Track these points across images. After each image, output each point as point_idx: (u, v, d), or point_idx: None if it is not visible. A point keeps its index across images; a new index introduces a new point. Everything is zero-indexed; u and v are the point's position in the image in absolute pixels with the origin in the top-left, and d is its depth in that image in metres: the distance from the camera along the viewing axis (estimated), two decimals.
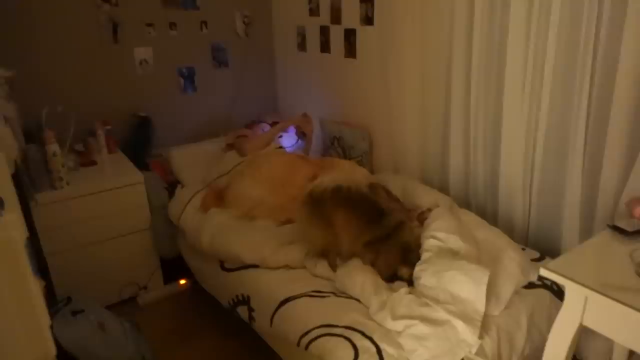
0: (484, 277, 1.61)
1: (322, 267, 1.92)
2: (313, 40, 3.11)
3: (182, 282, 2.77)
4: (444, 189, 2.48)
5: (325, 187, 1.95)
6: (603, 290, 1.20)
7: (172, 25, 2.98)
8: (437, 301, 1.61)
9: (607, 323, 1.25)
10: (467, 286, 1.60)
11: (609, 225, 1.53)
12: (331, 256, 1.93)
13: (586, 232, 1.93)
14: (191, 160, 2.87)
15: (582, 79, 1.79)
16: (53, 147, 2.21)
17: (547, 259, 1.94)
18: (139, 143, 2.90)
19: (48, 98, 2.57)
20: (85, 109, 2.72)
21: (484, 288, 1.59)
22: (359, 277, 1.79)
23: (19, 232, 0.90)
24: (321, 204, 1.93)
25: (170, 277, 2.74)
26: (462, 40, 2.19)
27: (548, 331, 1.39)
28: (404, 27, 2.41)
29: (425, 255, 1.81)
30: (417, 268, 1.77)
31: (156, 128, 2.99)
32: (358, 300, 1.75)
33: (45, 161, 2.25)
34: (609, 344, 1.74)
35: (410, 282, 1.80)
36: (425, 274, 1.71)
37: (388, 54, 2.55)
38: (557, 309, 1.36)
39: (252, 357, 2.21)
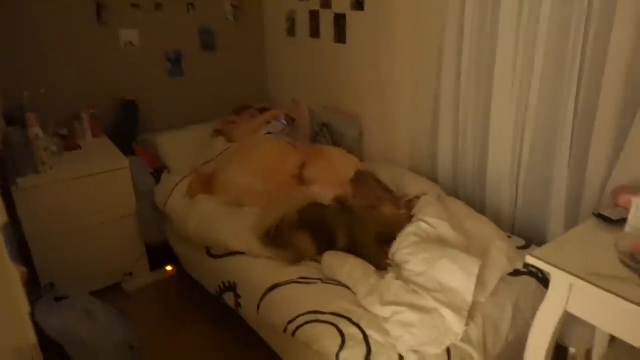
0: (474, 267, 1.62)
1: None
2: (303, 25, 3.07)
3: (169, 268, 2.75)
4: (433, 177, 2.48)
5: (270, 224, 1.97)
6: (588, 277, 1.22)
7: (158, 7, 2.91)
8: (425, 289, 1.61)
9: (591, 310, 1.27)
10: (457, 275, 1.61)
11: (594, 214, 1.55)
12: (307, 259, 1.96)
13: (572, 221, 1.95)
14: (178, 146, 2.83)
15: (571, 73, 1.80)
16: (35, 130, 2.16)
17: (533, 247, 1.96)
18: (125, 128, 2.85)
19: (30, 80, 2.51)
20: (69, 92, 2.66)
21: (473, 279, 1.60)
22: (347, 264, 1.79)
23: None
24: (277, 240, 1.95)
25: (156, 263, 2.72)
26: (454, 29, 2.18)
27: (533, 318, 1.41)
28: (395, 13, 2.39)
29: (412, 239, 1.81)
30: (405, 251, 1.77)
31: (142, 112, 2.93)
32: (346, 286, 1.75)
33: (28, 145, 2.20)
34: (591, 330, 1.77)
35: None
36: (414, 260, 1.71)
37: (379, 41, 2.53)
38: (542, 296, 1.37)
39: (239, 343, 2.21)
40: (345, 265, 1.78)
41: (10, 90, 2.34)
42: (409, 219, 2.01)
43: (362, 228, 1.95)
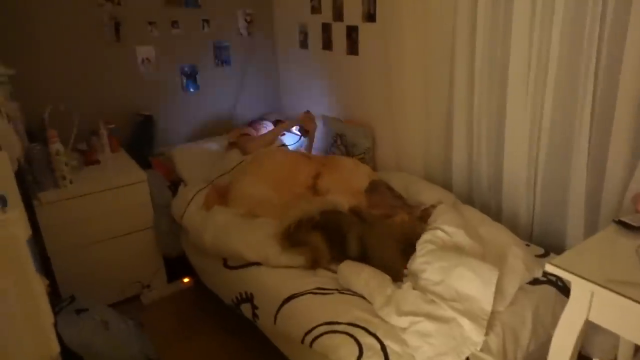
0: (492, 277, 1.60)
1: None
2: (315, 37, 3.10)
3: (186, 280, 2.77)
4: (447, 185, 2.47)
5: (290, 222, 2.01)
6: (609, 285, 1.19)
7: (174, 24, 2.98)
8: (443, 298, 1.60)
9: (613, 318, 1.24)
10: (475, 284, 1.59)
11: (614, 221, 1.52)
12: (322, 263, 1.96)
13: (591, 228, 1.92)
14: (194, 159, 2.87)
15: (587, 75, 1.77)
16: (56, 146, 2.22)
17: (552, 255, 1.93)
18: (142, 142, 2.90)
19: (51, 97, 2.57)
20: (88, 108, 2.73)
21: (492, 288, 1.58)
22: (364, 273, 1.78)
23: (21, 230, 0.90)
24: (294, 237, 2.00)
25: (173, 275, 2.74)
26: (465, 37, 2.18)
27: (553, 327, 1.38)
28: (406, 23, 2.40)
29: (428, 247, 1.80)
30: (420, 260, 1.76)
31: (159, 127, 2.99)
32: (362, 296, 1.75)
33: (49, 160, 2.25)
34: (615, 339, 1.73)
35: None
36: (431, 268, 1.70)
37: (390, 51, 2.54)
38: (562, 305, 1.35)
39: (255, 355, 2.21)
40: (361, 275, 1.78)
41: (31, 107, 2.40)
42: (423, 227, 2.00)
43: (377, 238, 1.94)
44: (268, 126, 3.03)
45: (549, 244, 2.10)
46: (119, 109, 2.88)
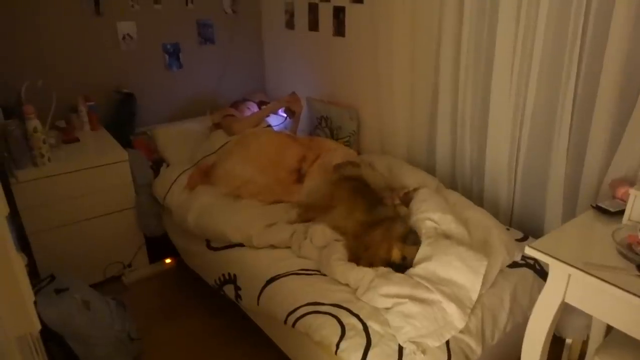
0: (481, 267, 1.63)
1: (307, 248, 1.92)
2: (301, 17, 3.06)
3: (168, 261, 2.76)
4: (430, 170, 2.49)
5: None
6: (585, 268, 1.23)
7: (156, 0, 2.90)
8: (431, 281, 1.62)
9: (588, 300, 1.28)
10: (463, 273, 1.62)
11: (592, 206, 1.56)
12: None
13: (569, 214, 1.97)
14: (176, 139, 2.83)
15: (570, 62, 1.80)
16: (33, 123, 2.15)
17: (531, 239, 1.98)
18: (123, 120, 2.84)
19: (28, 72, 2.49)
20: (66, 84, 2.65)
21: (480, 278, 1.60)
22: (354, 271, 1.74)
23: None
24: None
25: (155, 256, 2.72)
26: (451, 21, 2.17)
27: (530, 309, 1.42)
28: (394, 6, 2.38)
29: (428, 241, 1.80)
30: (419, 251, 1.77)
31: (140, 105, 2.92)
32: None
33: (26, 137, 2.19)
34: (588, 321, 1.79)
35: (399, 267, 1.76)
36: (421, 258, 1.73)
37: (377, 33, 2.52)
38: (539, 288, 1.39)
39: (238, 335, 2.22)
40: (345, 273, 1.75)
41: (7, 82, 2.32)
42: (405, 211, 2.02)
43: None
44: (252, 107, 2.99)
45: (528, 228, 2.14)
46: (99, 86, 2.80)
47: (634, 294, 1.13)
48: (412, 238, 1.83)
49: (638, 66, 1.65)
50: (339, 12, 2.78)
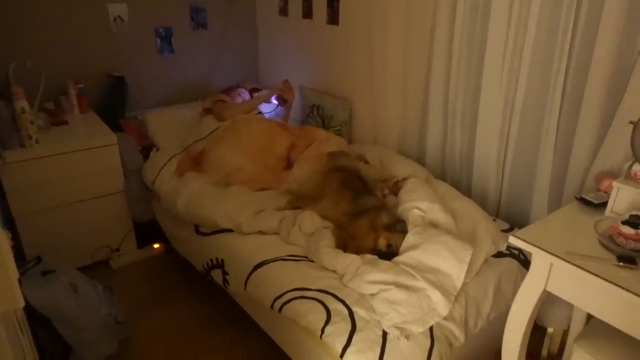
0: (466, 255, 1.64)
1: (295, 235, 1.93)
2: (295, 5, 3.04)
3: (156, 246, 2.75)
4: (421, 161, 2.51)
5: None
6: (567, 257, 1.25)
7: None
8: (417, 269, 1.64)
9: (569, 289, 1.31)
10: (449, 262, 1.63)
11: (576, 197, 1.59)
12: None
13: (554, 206, 1.99)
14: (167, 124, 2.81)
15: (560, 59, 1.82)
16: (21, 103, 2.13)
17: (516, 230, 1.99)
18: (113, 104, 2.81)
19: (16, 52, 2.46)
20: (56, 66, 2.62)
21: (465, 267, 1.62)
22: (341, 257, 1.76)
23: None
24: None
25: (144, 241, 2.72)
26: (445, 13, 2.18)
27: (513, 299, 1.45)
28: None
29: (415, 230, 1.82)
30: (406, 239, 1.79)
31: (131, 89, 2.89)
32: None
33: (14, 118, 2.16)
34: (569, 311, 1.83)
35: (385, 255, 1.78)
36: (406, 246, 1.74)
37: (371, 23, 2.51)
38: (523, 278, 1.41)
39: (226, 320, 2.23)
40: (333, 260, 1.76)
41: None
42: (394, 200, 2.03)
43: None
44: (243, 93, 2.97)
45: (514, 220, 2.17)
46: (89, 69, 2.77)
47: (614, 284, 1.16)
48: (398, 227, 1.84)
49: (625, 63, 1.66)
50: (333, 0, 2.76)
